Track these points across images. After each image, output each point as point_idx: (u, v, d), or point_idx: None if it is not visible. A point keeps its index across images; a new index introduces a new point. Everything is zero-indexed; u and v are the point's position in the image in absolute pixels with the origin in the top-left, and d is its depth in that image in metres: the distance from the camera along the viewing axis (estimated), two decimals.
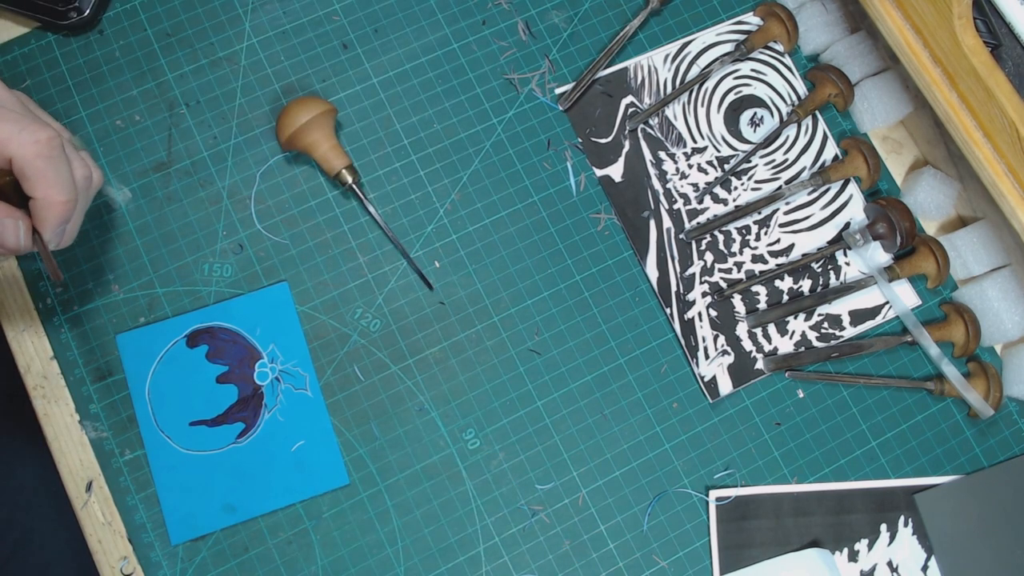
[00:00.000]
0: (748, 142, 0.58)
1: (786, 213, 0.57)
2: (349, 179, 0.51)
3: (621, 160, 0.56)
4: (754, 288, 0.55)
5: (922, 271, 0.55)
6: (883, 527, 0.52)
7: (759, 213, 0.57)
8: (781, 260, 0.56)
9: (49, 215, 0.40)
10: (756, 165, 0.57)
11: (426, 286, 0.53)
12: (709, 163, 0.57)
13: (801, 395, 0.54)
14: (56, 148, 0.40)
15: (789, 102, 0.59)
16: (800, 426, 0.54)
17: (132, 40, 0.55)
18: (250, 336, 0.51)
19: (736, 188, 0.57)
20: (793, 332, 0.55)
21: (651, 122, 0.57)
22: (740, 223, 0.56)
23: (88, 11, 0.53)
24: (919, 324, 0.54)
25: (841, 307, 0.56)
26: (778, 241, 0.56)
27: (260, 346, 0.51)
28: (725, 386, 0.53)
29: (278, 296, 0.52)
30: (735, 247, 0.56)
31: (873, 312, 0.56)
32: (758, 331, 0.55)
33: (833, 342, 0.55)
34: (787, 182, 0.57)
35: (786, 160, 0.58)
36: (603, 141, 0.57)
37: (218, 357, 0.51)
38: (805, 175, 0.57)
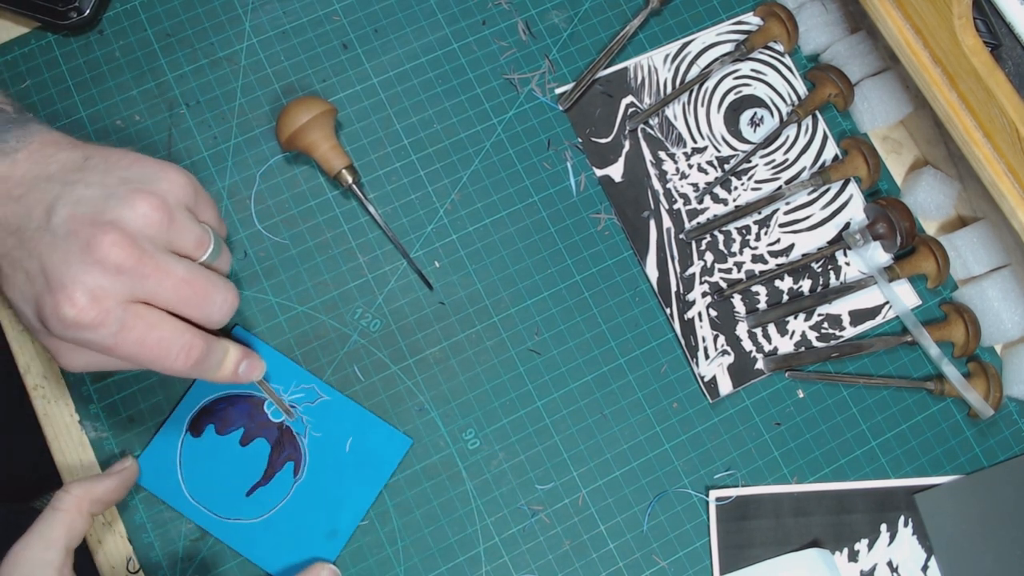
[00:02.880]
0: (748, 142, 0.58)
1: (786, 213, 0.57)
2: (349, 179, 0.51)
3: (621, 160, 0.56)
4: (754, 288, 0.55)
5: (922, 271, 0.55)
6: (883, 527, 0.52)
7: (759, 213, 0.57)
8: (781, 260, 0.56)
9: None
10: (756, 165, 0.57)
11: (426, 286, 0.53)
12: (709, 163, 0.57)
13: (801, 395, 0.54)
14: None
15: (789, 102, 0.59)
16: (800, 426, 0.54)
17: (132, 40, 0.55)
18: (239, 390, 0.50)
19: (736, 188, 0.57)
20: (793, 332, 0.55)
21: (651, 122, 0.57)
22: (740, 223, 0.56)
23: (88, 11, 0.53)
24: (919, 324, 0.54)
25: (841, 307, 0.56)
26: (778, 241, 0.56)
27: (255, 391, 0.51)
28: (725, 386, 0.53)
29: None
30: (735, 247, 0.56)
31: (873, 312, 0.56)
32: (758, 331, 0.55)
33: (833, 342, 0.55)
34: (787, 182, 0.57)
35: (786, 160, 0.58)
36: (603, 141, 0.57)
37: (227, 426, 0.50)
38: (805, 175, 0.57)
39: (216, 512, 0.49)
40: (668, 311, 0.54)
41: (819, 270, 0.56)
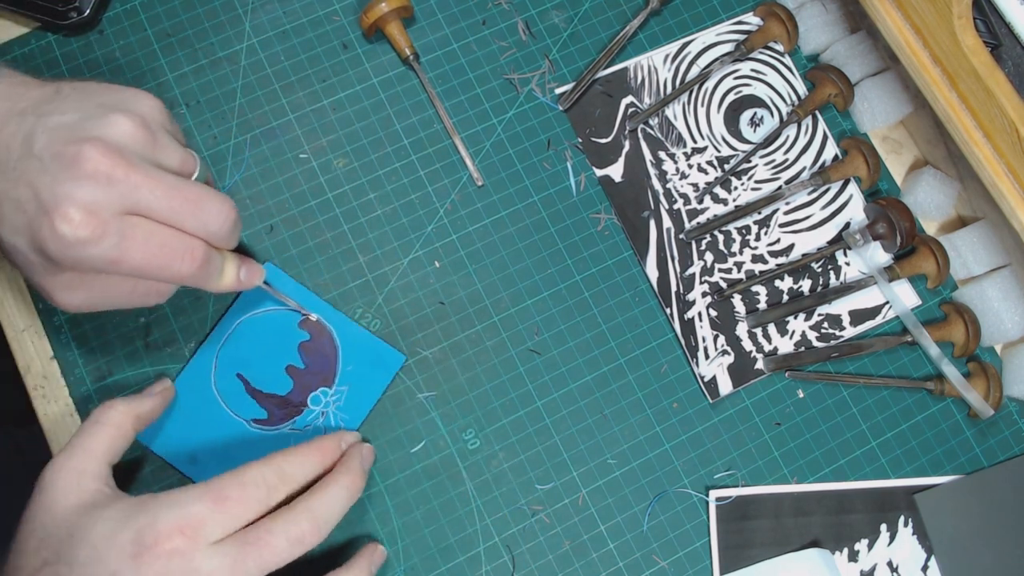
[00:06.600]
0: (748, 142, 0.58)
1: (786, 213, 0.57)
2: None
3: (621, 160, 0.56)
4: (754, 288, 0.55)
5: (922, 271, 0.55)
6: (883, 527, 0.52)
7: (759, 213, 0.57)
8: (781, 260, 0.56)
9: None
10: (756, 165, 0.57)
11: (474, 183, 0.53)
12: (709, 163, 0.57)
13: (801, 395, 0.54)
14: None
15: (789, 102, 0.59)
16: (800, 426, 0.54)
17: (132, 40, 0.55)
18: (341, 364, 0.51)
19: (736, 188, 0.57)
20: (793, 332, 0.55)
21: (651, 122, 0.57)
22: (740, 223, 0.56)
23: (88, 11, 0.53)
24: (919, 324, 0.54)
25: (841, 307, 0.56)
26: (778, 241, 0.56)
27: (338, 379, 0.51)
28: (725, 386, 0.53)
29: (389, 359, 0.51)
30: (735, 247, 0.56)
31: (873, 312, 0.56)
32: (758, 331, 0.55)
33: (833, 342, 0.55)
34: (787, 182, 0.57)
35: (786, 160, 0.58)
36: (603, 141, 0.57)
37: (305, 353, 0.51)
38: (805, 175, 0.57)
39: (226, 342, 0.50)
40: (668, 311, 0.54)
41: (819, 270, 0.56)
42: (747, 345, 0.54)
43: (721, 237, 0.56)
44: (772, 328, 0.55)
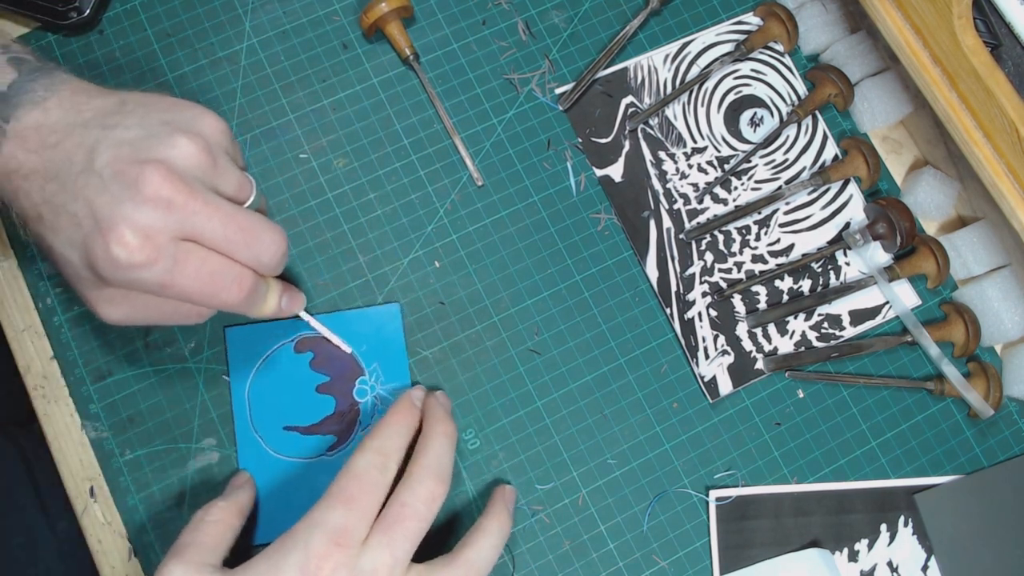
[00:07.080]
0: (748, 142, 0.58)
1: (786, 213, 0.57)
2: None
3: (621, 160, 0.56)
4: (754, 288, 0.55)
5: (922, 271, 0.55)
6: (883, 527, 0.52)
7: (759, 213, 0.57)
8: (781, 260, 0.56)
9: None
10: (756, 165, 0.57)
11: (474, 184, 0.53)
12: (709, 163, 0.57)
13: (801, 395, 0.54)
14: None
15: (789, 102, 0.59)
16: (800, 426, 0.54)
17: (132, 40, 0.55)
18: (355, 351, 0.51)
19: (736, 188, 0.57)
20: (793, 332, 0.55)
21: (651, 122, 0.57)
22: (740, 223, 0.56)
23: (88, 11, 0.53)
24: (919, 324, 0.54)
25: (841, 307, 0.56)
26: (778, 241, 0.56)
27: (364, 363, 0.51)
28: (725, 386, 0.53)
29: (388, 316, 0.52)
30: (735, 247, 0.56)
31: (873, 312, 0.56)
32: (758, 331, 0.55)
33: (833, 342, 0.55)
34: (787, 182, 0.57)
35: (786, 160, 0.58)
36: (603, 141, 0.57)
37: (321, 367, 0.51)
38: (805, 175, 0.57)
39: (252, 414, 0.50)
40: (668, 311, 0.54)
41: (819, 270, 0.56)
42: (747, 345, 0.54)
43: (721, 237, 0.56)
44: (772, 328, 0.55)
